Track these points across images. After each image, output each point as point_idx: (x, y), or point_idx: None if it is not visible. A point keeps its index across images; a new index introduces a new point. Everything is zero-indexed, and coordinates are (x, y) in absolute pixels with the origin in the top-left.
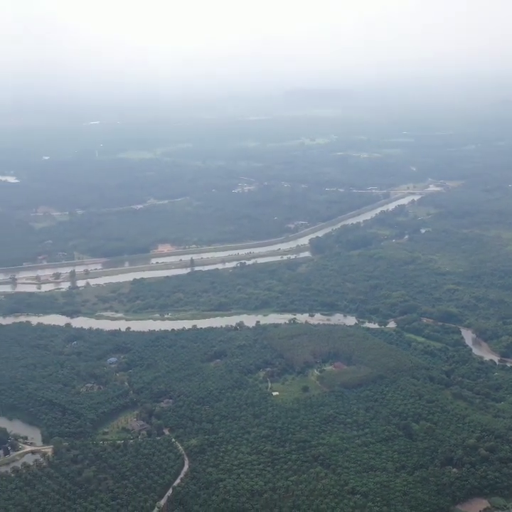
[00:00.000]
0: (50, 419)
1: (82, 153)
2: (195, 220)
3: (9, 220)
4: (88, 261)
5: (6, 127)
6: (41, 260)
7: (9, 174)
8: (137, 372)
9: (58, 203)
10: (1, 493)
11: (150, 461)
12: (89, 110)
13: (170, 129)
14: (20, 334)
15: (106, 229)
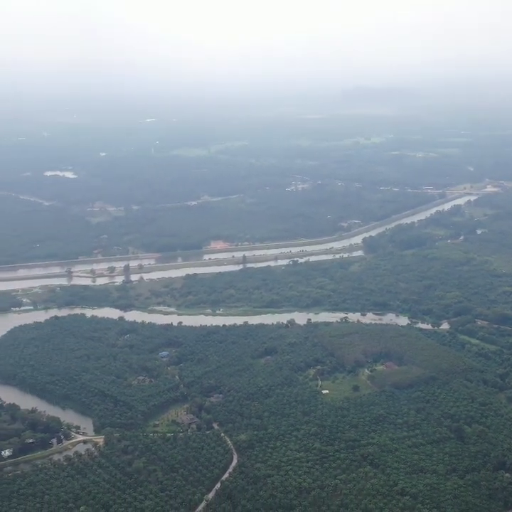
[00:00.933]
0: (102, 409)
1: (138, 149)
2: (248, 218)
3: (66, 215)
4: (142, 256)
5: (67, 124)
6: (96, 254)
7: (67, 170)
8: (188, 367)
9: (114, 198)
10: (54, 481)
11: (199, 454)
12: (146, 108)
13: (225, 126)
14: (75, 326)
15: (160, 225)
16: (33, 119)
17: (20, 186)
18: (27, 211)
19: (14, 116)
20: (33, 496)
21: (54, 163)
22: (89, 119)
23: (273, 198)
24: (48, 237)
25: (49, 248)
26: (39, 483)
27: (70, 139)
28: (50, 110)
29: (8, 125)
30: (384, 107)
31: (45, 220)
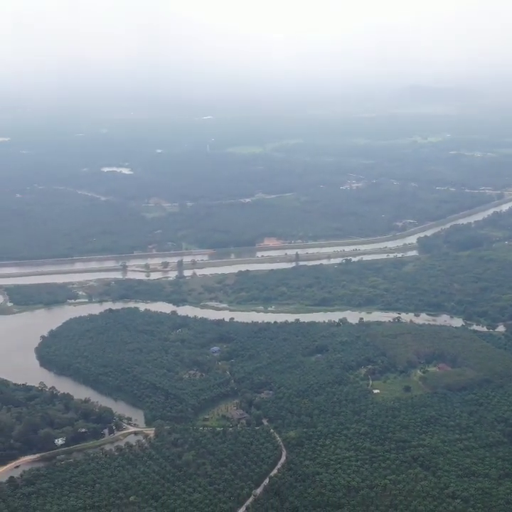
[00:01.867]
0: (153, 402)
1: (193, 146)
2: (301, 215)
3: (122, 210)
4: (195, 251)
5: (124, 121)
6: (151, 249)
7: (124, 166)
8: (239, 362)
9: (169, 194)
10: (105, 470)
11: (248, 449)
12: (202, 105)
13: (281, 124)
14: (129, 319)
15: (214, 221)
16: (91, 116)
17: (79, 181)
18: (84, 206)
19: (74, 113)
20: (84, 484)
21: (111, 159)
22: (146, 116)
23: (327, 197)
24: (104, 232)
25: (105, 242)
26: (90, 472)
27: (127, 136)
28: (109, 107)
29: (68, 122)
30: (441, 106)
31: (102, 215)
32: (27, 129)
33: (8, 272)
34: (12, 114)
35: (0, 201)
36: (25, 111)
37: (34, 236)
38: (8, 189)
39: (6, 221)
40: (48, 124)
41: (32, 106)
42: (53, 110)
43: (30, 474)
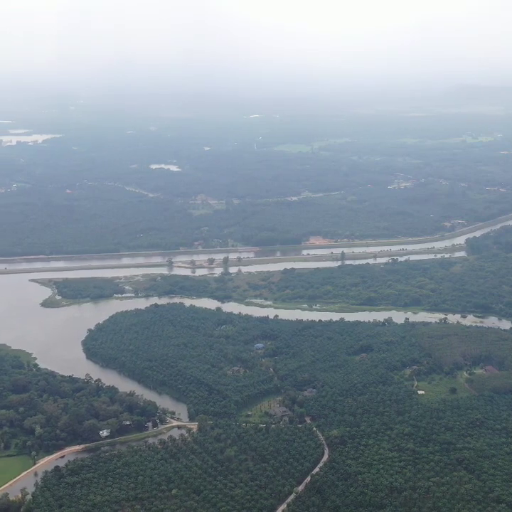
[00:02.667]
0: (196, 397)
1: (241, 145)
2: (348, 214)
3: (170, 207)
4: (241, 249)
5: (173, 119)
6: (197, 246)
7: (172, 163)
8: (282, 360)
9: (216, 191)
10: (148, 463)
11: (290, 447)
12: (250, 103)
13: (328, 123)
14: (174, 315)
15: (260, 219)
16: (141, 114)
17: (127, 178)
18: (132, 202)
19: (124, 111)
20: (127, 476)
21: (159, 157)
22: (195, 115)
23: (374, 196)
24: (151, 228)
25: (152, 238)
26: (134, 464)
27: (175, 134)
28: (158, 106)
29: (118, 119)
30: (492, 106)
31: (149, 211)
32: (78, 126)
33: (58, 266)
34: (64, 111)
35: (50, 197)
36: (76, 108)
37: (83, 231)
38: (59, 185)
39: (56, 216)
40: (98, 121)
41: (83, 104)
42: (104, 108)
43: (75, 464)
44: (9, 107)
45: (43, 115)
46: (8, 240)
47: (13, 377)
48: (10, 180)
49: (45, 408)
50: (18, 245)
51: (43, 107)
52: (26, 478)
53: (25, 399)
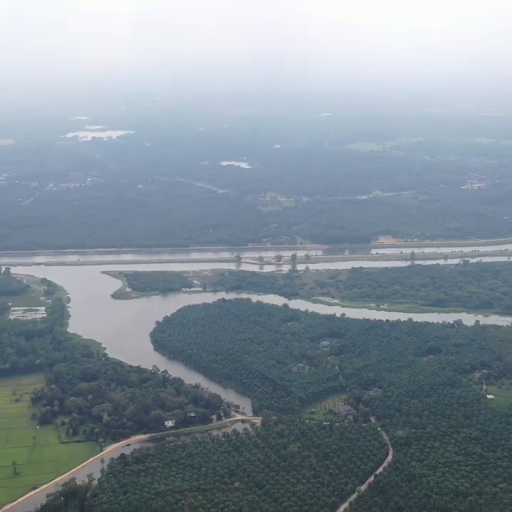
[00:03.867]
0: (261, 392)
1: (312, 143)
2: (419, 214)
3: (239, 203)
4: (309, 246)
5: (245, 116)
6: (265, 242)
7: (243, 160)
8: (348, 358)
9: (286, 189)
10: (211, 455)
11: (354, 445)
12: (321, 102)
13: (400, 122)
14: (241, 310)
15: (329, 217)
16: (213, 111)
17: (198, 174)
18: (203, 198)
19: (196, 109)
20: (191, 467)
21: (230, 154)
22: (266, 112)
23: (446, 196)
24: (221, 224)
25: (221, 234)
26: (197, 456)
27: (246, 131)
28: (229, 103)
29: (190, 117)
30: None
31: (219, 207)
32: (152, 123)
33: (128, 259)
34: (140, 108)
35: (123, 191)
36: (151, 106)
37: (153, 226)
38: (132, 180)
39: (128, 211)
40: (171, 118)
41: (158, 101)
42: (178, 106)
43: (140, 453)
44: (87, 104)
45: (118, 112)
46: (82, 232)
47: (83, 366)
48: (85, 175)
49: (112, 397)
50: (91, 238)
51: (120, 105)
52: (93, 464)
53: (94, 387)
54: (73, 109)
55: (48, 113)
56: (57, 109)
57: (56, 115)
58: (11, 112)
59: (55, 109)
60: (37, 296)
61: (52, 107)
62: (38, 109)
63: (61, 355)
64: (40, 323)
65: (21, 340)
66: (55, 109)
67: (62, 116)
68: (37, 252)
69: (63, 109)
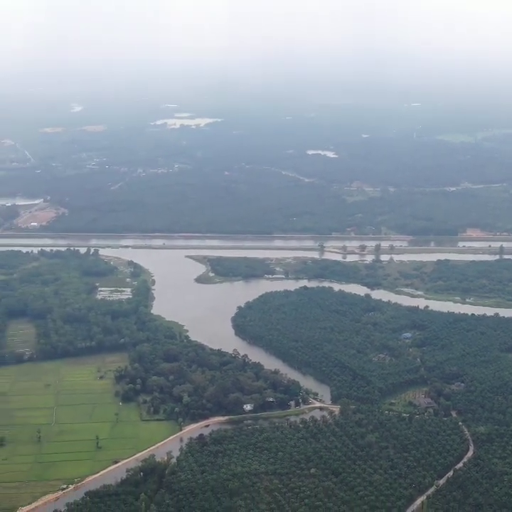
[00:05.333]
0: (340, 380)
1: (400, 133)
2: (510, 207)
3: (324, 192)
4: (394, 237)
5: (331, 105)
6: (349, 232)
7: (329, 149)
8: (431, 351)
9: (372, 179)
10: (288, 440)
11: (433, 439)
12: (411, 91)
13: (494, 112)
14: (322, 298)
15: (415, 208)
16: (300, 100)
17: (284, 163)
18: (288, 186)
19: (282, 98)
20: (267, 451)
21: (317, 143)
22: (354, 101)
23: None
24: (305, 212)
25: (305, 222)
26: (275, 440)
27: (333, 120)
28: (316, 92)
29: (277, 105)
30: None
31: (304, 196)
32: (239, 111)
33: (212, 244)
34: (226, 97)
35: (209, 178)
36: (237, 94)
37: (238, 212)
38: (218, 167)
39: (214, 197)
40: (258, 107)
41: (244, 90)
42: (263, 94)
43: (219, 434)
44: (176, 92)
45: (207, 100)
46: (168, 217)
47: (165, 347)
48: (172, 162)
49: (193, 378)
50: (177, 223)
51: (209, 93)
52: (172, 442)
53: (175, 368)
54: (163, 97)
55: (139, 101)
56: (148, 97)
57: (146, 103)
58: (102, 99)
59: (146, 97)
60: (123, 277)
61: (144, 95)
62: (130, 97)
63: (145, 336)
64: (125, 304)
65: (107, 319)
66: (146, 97)
67: (152, 103)
68: (124, 235)
69: (154, 97)
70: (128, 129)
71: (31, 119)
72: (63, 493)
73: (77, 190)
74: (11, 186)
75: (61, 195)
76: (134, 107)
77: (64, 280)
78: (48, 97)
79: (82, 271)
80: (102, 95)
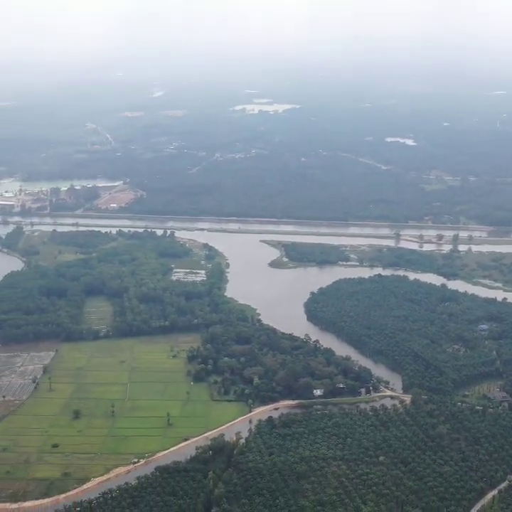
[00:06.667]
0: (412, 370)
1: (482, 122)
2: None
3: (402, 180)
4: (473, 227)
5: (410, 94)
6: (426, 221)
7: (408, 137)
8: (508, 344)
9: (451, 168)
10: (357, 427)
11: (508, 433)
12: (493, 80)
13: None
14: (397, 286)
15: (497, 198)
16: (377, 88)
17: (361, 150)
18: (365, 173)
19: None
20: (336, 436)
21: (395, 130)
22: (435, 89)
23: None
24: (381, 200)
25: (381, 210)
26: (344, 426)
27: (412, 108)
28: (394, 81)
29: (355, 93)
30: None
31: (381, 183)
32: (317, 97)
33: (287, 229)
34: (305, 83)
35: (286, 164)
36: (316, 81)
37: (314, 198)
38: (295, 153)
39: (290, 183)
40: (336, 94)
41: (323, 77)
42: (342, 82)
43: (288, 418)
44: (256, 79)
45: (286, 86)
46: (244, 201)
47: (237, 329)
48: (250, 147)
49: (264, 361)
50: (252, 207)
51: (287, 79)
52: (242, 423)
53: (246, 350)
54: (243, 83)
55: (218, 86)
56: (227, 83)
57: (226, 88)
58: (183, 85)
59: (225, 82)
60: (198, 259)
61: (223, 81)
62: (210, 83)
63: (217, 318)
64: (199, 286)
65: (181, 300)
66: (225, 82)
67: (232, 89)
68: (200, 218)
69: (233, 82)
70: (207, 114)
71: (114, 104)
72: (134, 467)
73: (155, 173)
74: (92, 168)
75: (140, 178)
76: (213, 92)
77: (140, 260)
78: (130, 82)
79: (158, 252)
80: (182, 81)
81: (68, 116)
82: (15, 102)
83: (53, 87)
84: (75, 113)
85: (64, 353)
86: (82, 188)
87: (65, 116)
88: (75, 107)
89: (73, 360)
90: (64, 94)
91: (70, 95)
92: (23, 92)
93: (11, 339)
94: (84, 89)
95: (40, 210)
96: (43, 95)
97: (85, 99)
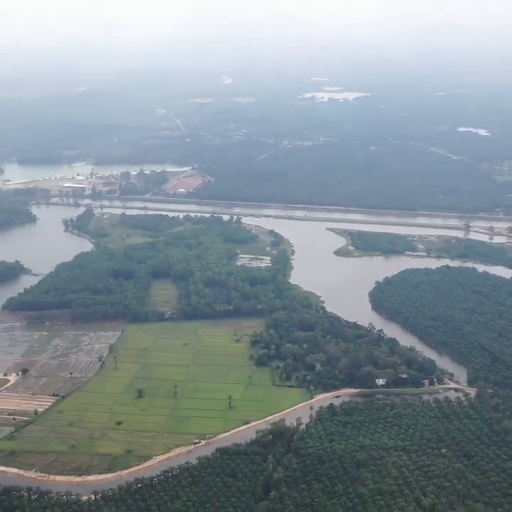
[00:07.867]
0: (478, 363)
1: None
2: None
3: (473, 171)
4: None
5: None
6: (498, 212)
7: (481, 127)
8: None
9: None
10: (420, 418)
11: None
12: None
13: None
14: (465, 278)
15: None
16: (455, 76)
17: (432, 139)
18: (435, 163)
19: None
20: (398, 427)
21: (469, 120)
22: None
23: None
24: (451, 190)
25: (450, 200)
26: (406, 417)
27: (486, 98)
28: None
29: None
30: None
31: (451, 174)
32: (388, 86)
33: (354, 218)
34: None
35: (355, 152)
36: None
37: (382, 187)
38: (364, 141)
39: (358, 171)
40: (408, 83)
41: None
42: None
43: (349, 406)
44: (327, 67)
45: (356, 75)
46: (311, 189)
47: (301, 316)
48: (319, 134)
49: (327, 348)
50: (319, 195)
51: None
52: (302, 409)
53: (309, 337)
54: (313, 71)
55: (289, 74)
56: (297, 71)
57: (296, 76)
58: (252, 72)
59: (295, 70)
60: (263, 246)
61: (294, 69)
62: (280, 71)
63: (281, 304)
64: (264, 272)
65: (246, 285)
66: (295, 70)
67: (302, 77)
68: (267, 204)
69: (304, 71)
70: (276, 102)
71: (184, 90)
72: (195, 447)
73: (223, 159)
74: (161, 153)
75: (208, 164)
76: (283, 80)
77: (206, 245)
78: (201, 68)
79: (224, 237)
80: (252, 68)
81: (139, 102)
82: (85, 89)
83: (122, 74)
84: (145, 99)
85: (129, 333)
86: (151, 173)
87: (136, 102)
88: (145, 93)
89: (138, 341)
90: (133, 81)
91: (139, 82)
92: (94, 78)
93: (79, 318)
94: (152, 76)
95: (110, 194)
96: (113, 81)
97: (155, 86)
